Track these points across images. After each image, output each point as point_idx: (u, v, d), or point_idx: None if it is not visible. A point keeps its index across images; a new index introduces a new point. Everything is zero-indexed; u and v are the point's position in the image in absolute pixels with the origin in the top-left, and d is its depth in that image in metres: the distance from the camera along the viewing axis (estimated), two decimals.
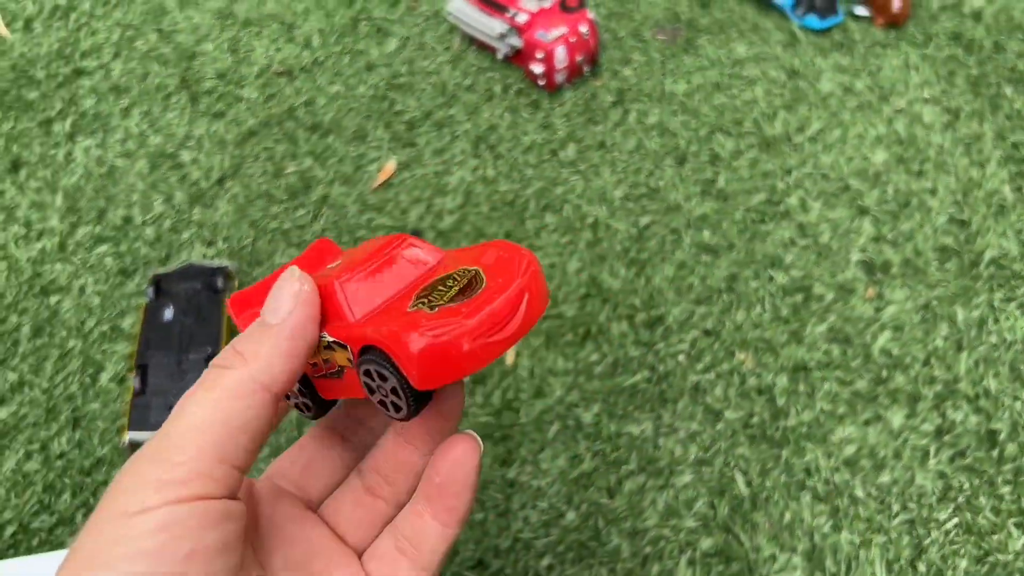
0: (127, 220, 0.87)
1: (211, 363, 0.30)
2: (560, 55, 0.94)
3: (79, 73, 1.02)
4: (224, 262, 0.80)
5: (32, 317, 0.80)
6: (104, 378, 0.76)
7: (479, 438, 0.33)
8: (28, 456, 0.72)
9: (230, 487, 0.28)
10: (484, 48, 1.02)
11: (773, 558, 0.64)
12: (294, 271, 0.31)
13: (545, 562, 0.65)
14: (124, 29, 1.08)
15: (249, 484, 0.34)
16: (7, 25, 1.06)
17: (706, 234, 0.84)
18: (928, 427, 0.70)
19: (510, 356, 0.76)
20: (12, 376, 0.76)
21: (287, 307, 0.30)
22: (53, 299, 0.81)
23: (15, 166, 0.92)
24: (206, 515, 0.27)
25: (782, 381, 0.73)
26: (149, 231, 0.86)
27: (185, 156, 0.93)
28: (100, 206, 0.88)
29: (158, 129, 0.96)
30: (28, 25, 1.06)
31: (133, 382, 0.71)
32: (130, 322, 0.79)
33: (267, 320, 0.30)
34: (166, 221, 0.87)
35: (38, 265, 0.84)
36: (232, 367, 0.29)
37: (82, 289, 0.82)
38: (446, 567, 0.65)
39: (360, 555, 0.34)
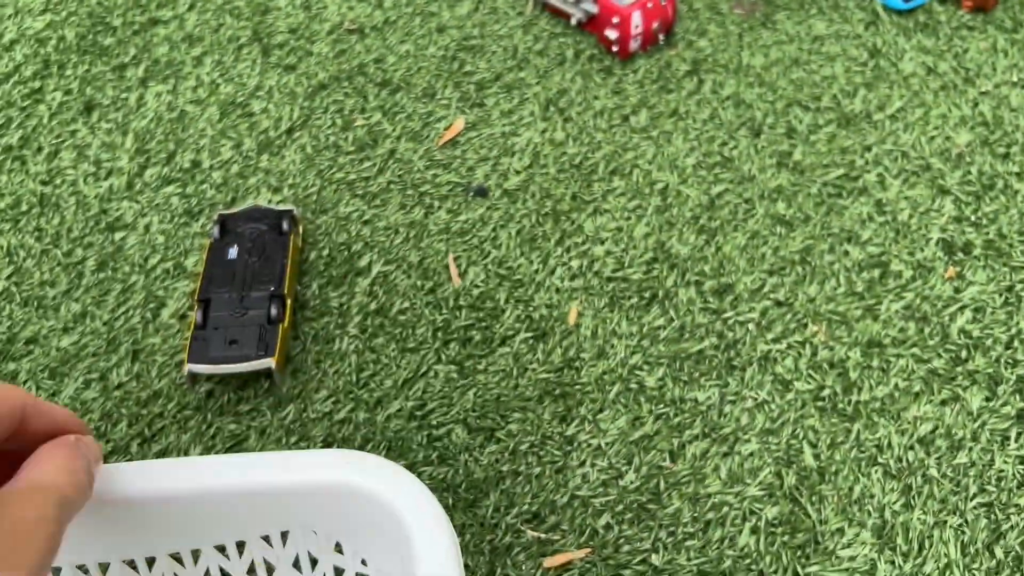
0: (195, 164, 0.87)
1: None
2: (636, 20, 0.92)
3: (154, 22, 1.02)
4: (290, 206, 0.80)
5: (97, 251, 0.80)
6: (165, 314, 0.76)
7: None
8: (87, 384, 0.72)
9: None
10: (557, 14, 1.00)
11: (841, 532, 0.62)
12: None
13: (603, 521, 0.63)
14: None
15: None
16: None
17: (780, 206, 0.81)
18: (1009, 410, 0.67)
19: (572, 315, 0.74)
20: (75, 307, 0.76)
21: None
22: (118, 235, 0.81)
23: (88, 108, 0.93)
24: None
25: (855, 355, 0.71)
26: (216, 175, 0.86)
27: (255, 106, 0.93)
28: (169, 149, 0.88)
29: (229, 79, 0.96)
30: None
31: (195, 316, 0.70)
32: (193, 261, 0.79)
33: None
34: (233, 166, 0.87)
35: (105, 202, 0.84)
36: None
37: (147, 227, 0.82)
38: (501, 518, 0.64)
39: None
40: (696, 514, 0.63)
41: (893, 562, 0.61)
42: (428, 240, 0.80)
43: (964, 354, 0.71)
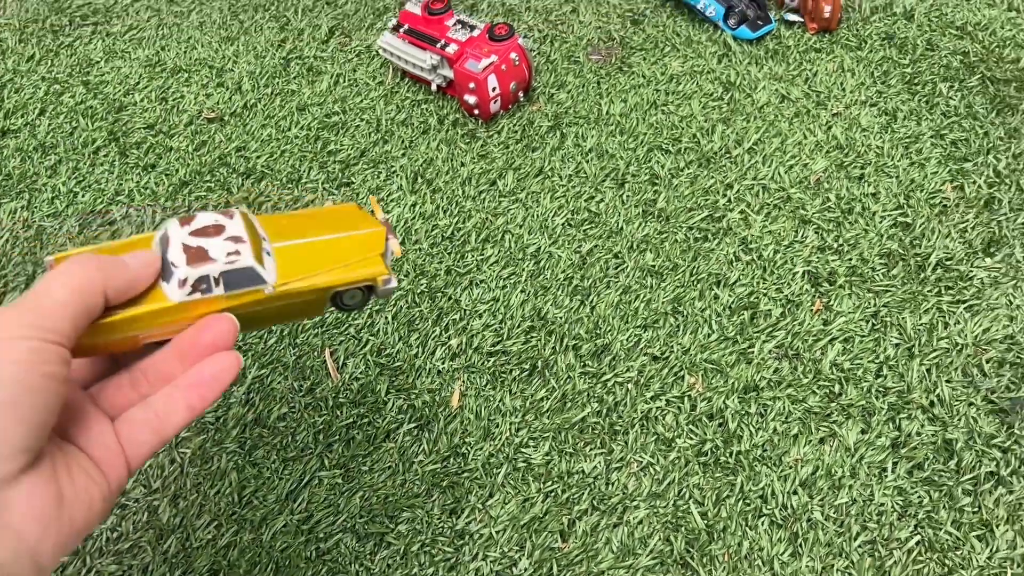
0: None
1: (78, 257, 0.41)
2: (492, 84, 0.92)
3: (3, 133, 0.99)
4: None
5: None
6: None
7: (241, 357, 0.44)
8: None
9: (72, 344, 0.39)
10: (418, 80, 1.00)
11: None
12: (157, 255, 0.44)
13: None
14: (50, 84, 1.05)
15: None
16: None
17: (648, 256, 0.82)
18: (884, 441, 0.69)
19: (455, 398, 0.74)
20: None
21: (140, 265, 0.43)
22: None
23: None
24: (60, 354, 0.38)
25: (733, 403, 0.72)
26: None
27: (116, 212, 0.90)
28: (28, 271, 0.85)
29: (87, 186, 0.93)
30: None
31: None
32: None
33: (127, 261, 0.43)
34: None
35: None
36: (94, 271, 0.41)
37: None
38: None
39: (113, 421, 0.43)
40: None
41: None
42: (303, 336, 0.79)
43: (837, 388, 0.72)
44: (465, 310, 0.80)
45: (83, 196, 0.92)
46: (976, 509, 0.65)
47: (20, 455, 0.37)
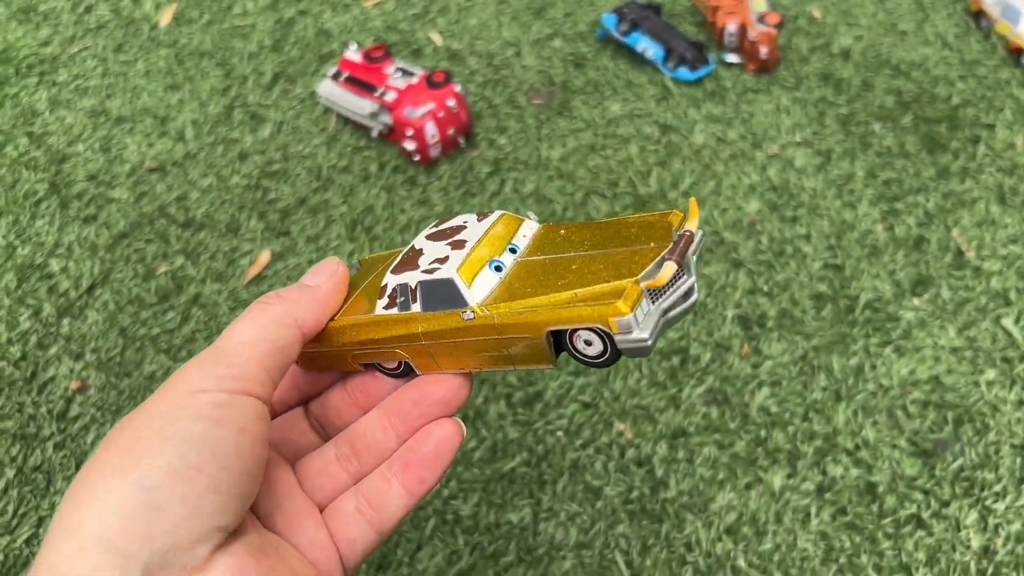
0: None
1: (255, 301, 0.36)
2: (430, 130, 0.93)
3: None
4: None
5: None
6: None
7: (463, 424, 0.37)
8: None
9: (268, 394, 0.34)
10: (359, 127, 1.01)
11: None
12: (334, 258, 0.39)
13: None
14: None
15: None
16: None
17: None
18: (809, 485, 0.69)
19: None
20: None
21: (323, 278, 0.38)
22: None
23: None
24: (253, 407, 0.32)
25: (661, 450, 0.72)
26: (15, 349, 0.83)
27: (54, 265, 0.90)
28: None
29: (27, 239, 0.93)
30: None
31: None
32: None
33: (306, 283, 0.38)
34: (32, 337, 0.84)
35: None
36: (275, 304, 0.36)
37: None
38: None
39: (321, 511, 0.37)
40: None
41: None
42: None
43: (763, 433, 0.73)
44: None
45: (22, 249, 0.92)
46: (896, 552, 0.65)
47: (214, 533, 0.30)
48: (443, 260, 0.35)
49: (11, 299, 0.87)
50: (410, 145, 0.94)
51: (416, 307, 0.36)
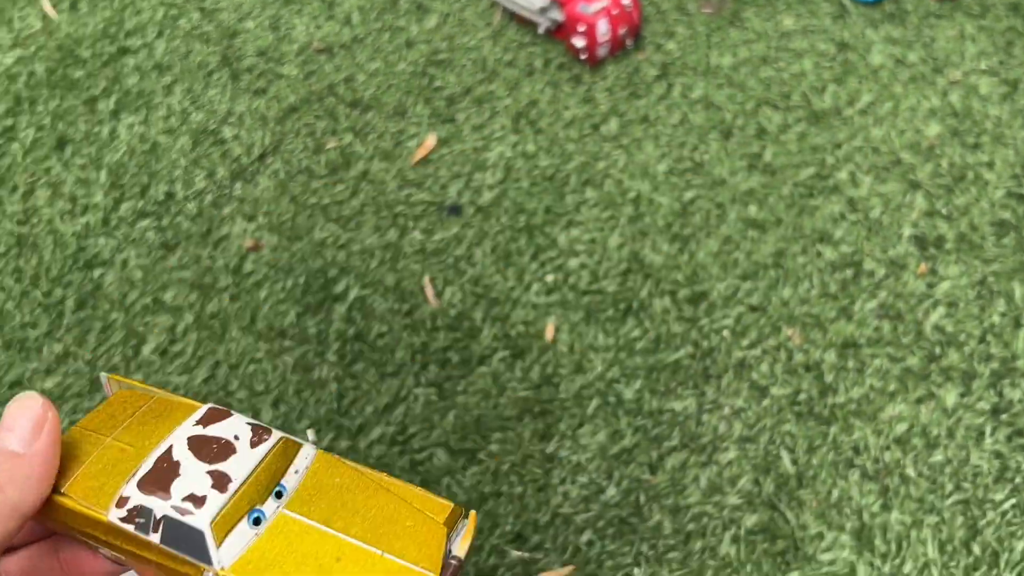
0: (169, 195, 0.87)
1: None
2: (602, 28, 0.92)
3: (123, 52, 1.02)
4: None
5: (76, 290, 0.81)
6: (146, 350, 0.76)
7: None
8: (72, 425, 0.72)
9: None
10: (525, 23, 1.01)
11: (820, 536, 0.63)
12: (32, 394, 0.30)
13: (585, 537, 0.64)
14: (167, 8, 1.08)
15: None
16: (54, 6, 1.07)
17: (752, 209, 0.82)
18: (984, 405, 0.68)
19: (549, 331, 0.75)
20: (57, 347, 0.77)
21: (31, 437, 0.29)
22: (96, 272, 0.82)
23: (60, 144, 0.93)
24: None
25: (830, 357, 0.71)
26: (191, 206, 0.86)
27: (227, 132, 0.93)
28: (143, 182, 0.89)
29: (200, 106, 0.96)
30: (74, 5, 1.07)
31: None
32: (171, 295, 0.79)
33: (12, 448, 0.29)
34: (207, 196, 0.87)
35: (82, 239, 0.84)
36: None
37: (124, 263, 0.82)
38: (485, 539, 0.64)
39: None
40: (677, 526, 0.64)
41: (872, 564, 0.61)
42: (404, 262, 0.81)
43: (938, 351, 0.71)
44: (562, 249, 0.80)
45: (196, 115, 0.95)
46: None
47: None
48: (200, 501, 0.31)
49: (186, 160, 0.91)
50: (579, 42, 0.93)
51: (155, 537, 0.32)
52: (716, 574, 0.62)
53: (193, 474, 0.31)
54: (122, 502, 0.31)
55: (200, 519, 0.30)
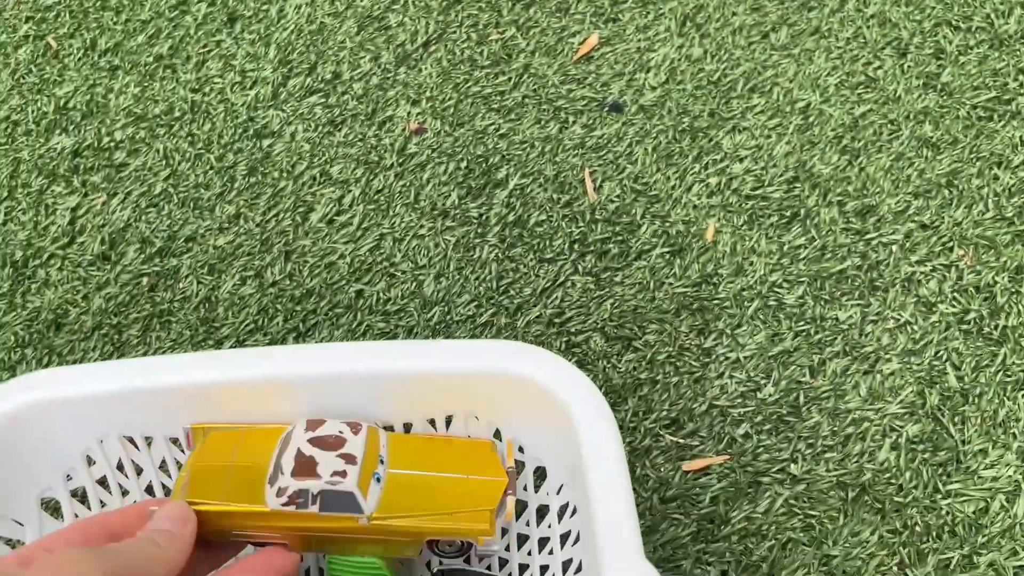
0: (336, 75, 0.89)
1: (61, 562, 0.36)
2: None
3: None
4: None
5: (247, 157, 0.84)
6: (314, 218, 0.79)
7: None
8: (243, 281, 0.76)
9: None
10: None
11: (984, 452, 0.62)
12: (180, 502, 0.44)
13: (741, 430, 0.64)
14: None
15: None
16: None
17: (927, 128, 0.79)
18: None
19: (710, 232, 0.75)
20: (229, 208, 0.80)
21: (181, 525, 0.43)
22: (266, 142, 0.84)
23: (231, 19, 0.95)
24: None
25: (1003, 281, 0.69)
26: (357, 86, 0.88)
27: (391, 19, 0.94)
28: (311, 60, 0.91)
29: None
30: None
31: None
32: (338, 169, 0.82)
33: (169, 530, 0.42)
34: (373, 78, 0.89)
35: (252, 110, 0.87)
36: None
37: (293, 135, 0.85)
38: (640, 422, 0.66)
39: None
40: (835, 428, 0.64)
41: None
42: (563, 155, 0.81)
43: None
44: (726, 153, 0.79)
45: (362, 1, 0.96)
46: None
47: None
48: (343, 474, 0.44)
49: (352, 43, 0.92)
50: None
51: (314, 508, 0.44)
52: (874, 477, 0.61)
53: (328, 460, 0.44)
54: (280, 492, 0.44)
55: (349, 484, 0.44)
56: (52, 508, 0.52)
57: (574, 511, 0.48)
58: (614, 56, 0.88)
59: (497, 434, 0.52)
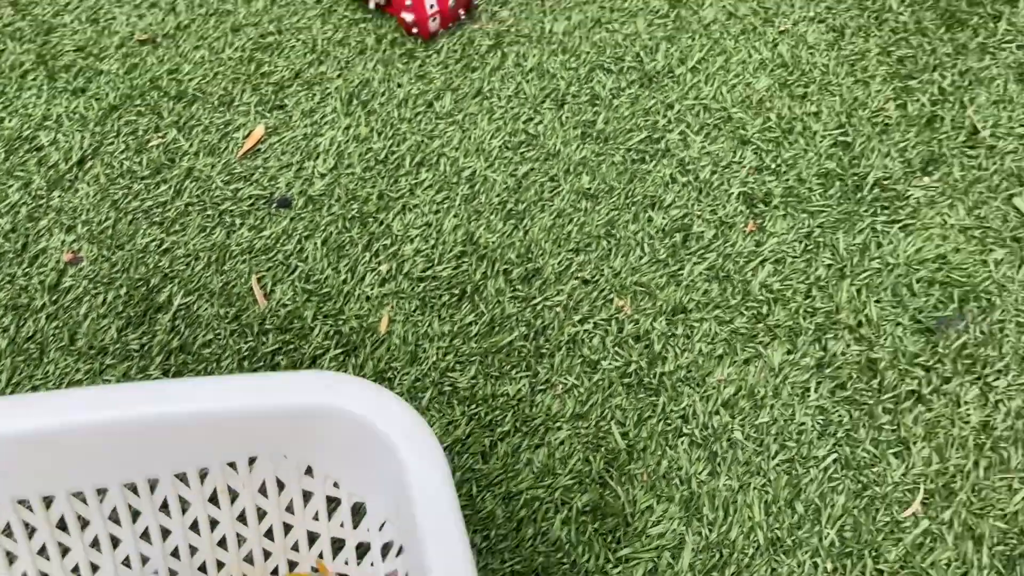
0: None
1: None
2: (430, 1, 0.89)
3: None
4: None
5: None
6: None
7: None
8: None
9: None
10: None
11: (650, 509, 0.63)
12: None
13: None
14: None
15: None
16: None
17: (585, 179, 0.81)
18: (809, 361, 0.69)
19: (383, 324, 0.73)
20: None
21: None
22: None
23: None
24: None
25: (660, 325, 0.71)
26: (4, 221, 0.82)
27: (43, 138, 0.88)
28: None
29: (14, 111, 0.90)
30: None
31: None
32: None
33: None
34: (23, 209, 0.82)
35: None
36: None
37: None
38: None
39: None
40: (509, 513, 0.64)
41: (700, 532, 0.62)
42: (231, 262, 0.78)
43: (765, 309, 0.72)
44: (396, 235, 0.78)
45: (10, 121, 0.90)
46: (895, 427, 0.65)
47: None
48: None
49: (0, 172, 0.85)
50: (408, 16, 0.90)
51: None
52: (547, 559, 0.62)
53: None
54: None
55: None
56: None
57: (400, 550, 0.45)
58: (280, 146, 0.86)
59: (309, 471, 0.49)
